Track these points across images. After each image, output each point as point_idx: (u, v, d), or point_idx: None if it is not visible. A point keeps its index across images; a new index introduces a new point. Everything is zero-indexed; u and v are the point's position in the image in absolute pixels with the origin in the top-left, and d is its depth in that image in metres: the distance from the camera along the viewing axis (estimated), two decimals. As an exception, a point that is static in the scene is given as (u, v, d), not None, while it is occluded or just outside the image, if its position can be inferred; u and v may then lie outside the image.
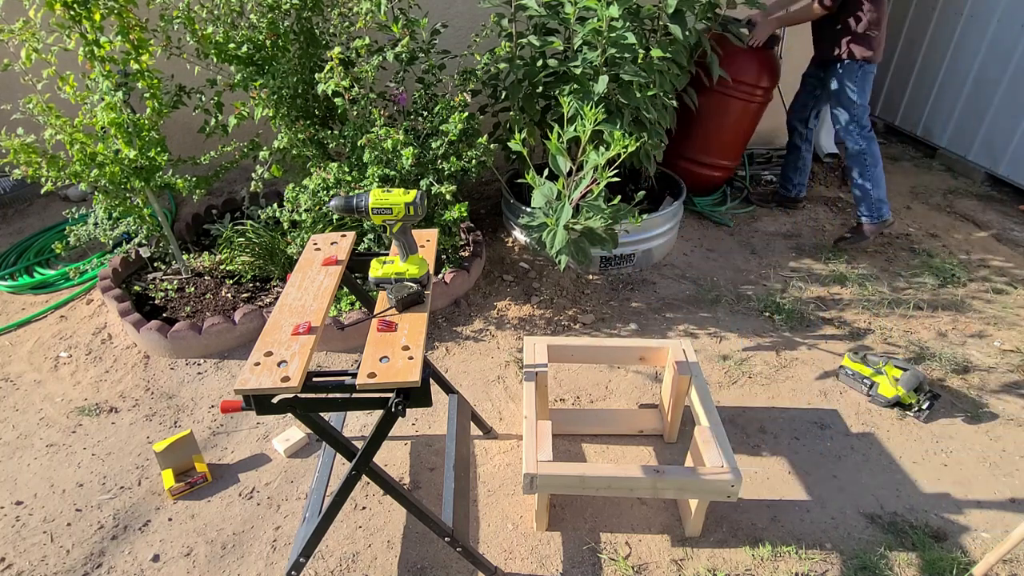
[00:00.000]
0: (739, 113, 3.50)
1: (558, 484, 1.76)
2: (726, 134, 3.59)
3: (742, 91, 3.39)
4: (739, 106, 3.45)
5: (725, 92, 3.37)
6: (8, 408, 2.37)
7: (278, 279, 2.91)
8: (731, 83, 3.31)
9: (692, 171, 3.66)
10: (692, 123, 3.52)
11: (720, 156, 3.67)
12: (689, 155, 3.65)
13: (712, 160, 3.66)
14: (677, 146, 3.61)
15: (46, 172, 2.41)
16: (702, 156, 3.64)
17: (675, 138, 3.57)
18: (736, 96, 3.41)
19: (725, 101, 3.42)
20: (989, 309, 2.99)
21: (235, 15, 2.62)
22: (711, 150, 3.63)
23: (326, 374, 1.40)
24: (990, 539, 1.94)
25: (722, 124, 3.54)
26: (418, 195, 1.46)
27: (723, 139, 3.61)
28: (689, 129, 3.54)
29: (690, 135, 3.57)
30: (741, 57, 3.28)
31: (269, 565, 1.84)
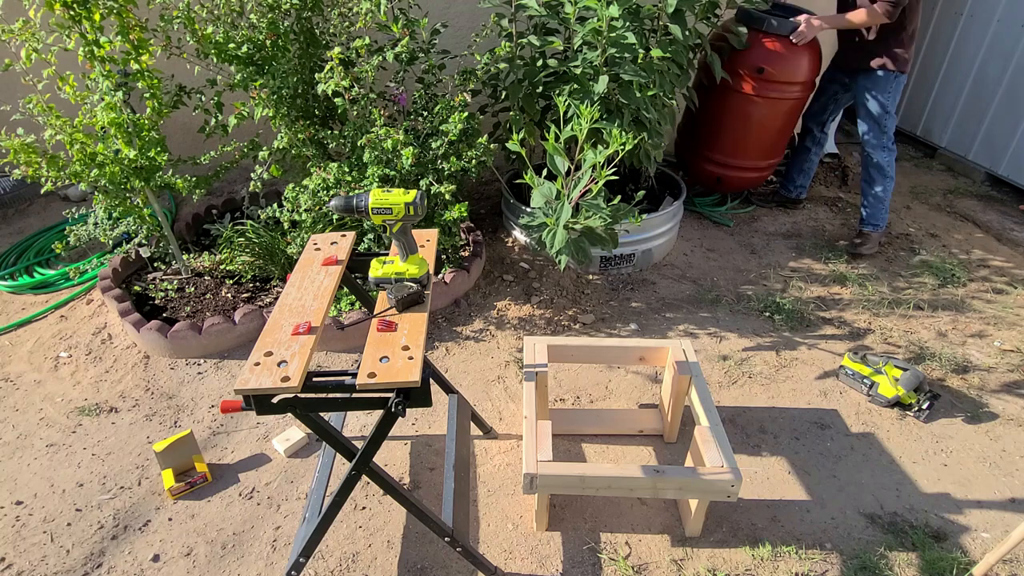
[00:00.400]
0: (780, 111, 3.32)
1: (558, 484, 1.76)
2: (766, 133, 3.41)
3: (782, 89, 3.21)
4: (782, 105, 3.28)
5: (763, 91, 3.20)
6: (8, 408, 2.37)
7: (278, 279, 2.91)
8: (770, 81, 3.15)
9: (727, 175, 3.55)
10: (723, 124, 3.40)
11: (760, 156, 3.51)
12: (721, 158, 3.50)
13: (750, 162, 3.51)
14: (705, 148, 3.51)
15: (46, 172, 2.41)
16: (739, 158, 3.48)
17: (702, 139, 3.48)
18: (774, 96, 3.23)
19: (764, 100, 3.24)
20: (989, 309, 2.99)
21: (235, 15, 2.62)
22: (749, 151, 3.46)
23: (326, 374, 1.40)
24: (990, 539, 1.94)
25: (760, 123, 3.36)
26: (418, 195, 1.45)
27: (763, 138, 3.43)
28: (720, 130, 3.42)
29: (722, 136, 3.44)
30: (785, 53, 3.12)
31: (269, 565, 1.84)
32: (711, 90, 3.31)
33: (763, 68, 3.08)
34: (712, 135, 3.48)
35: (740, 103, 3.28)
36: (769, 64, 3.10)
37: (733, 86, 3.21)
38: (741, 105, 3.29)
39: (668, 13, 2.70)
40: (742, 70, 3.18)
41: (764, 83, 3.16)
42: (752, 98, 3.23)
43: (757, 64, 3.10)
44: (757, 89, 3.19)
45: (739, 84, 3.21)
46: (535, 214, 2.32)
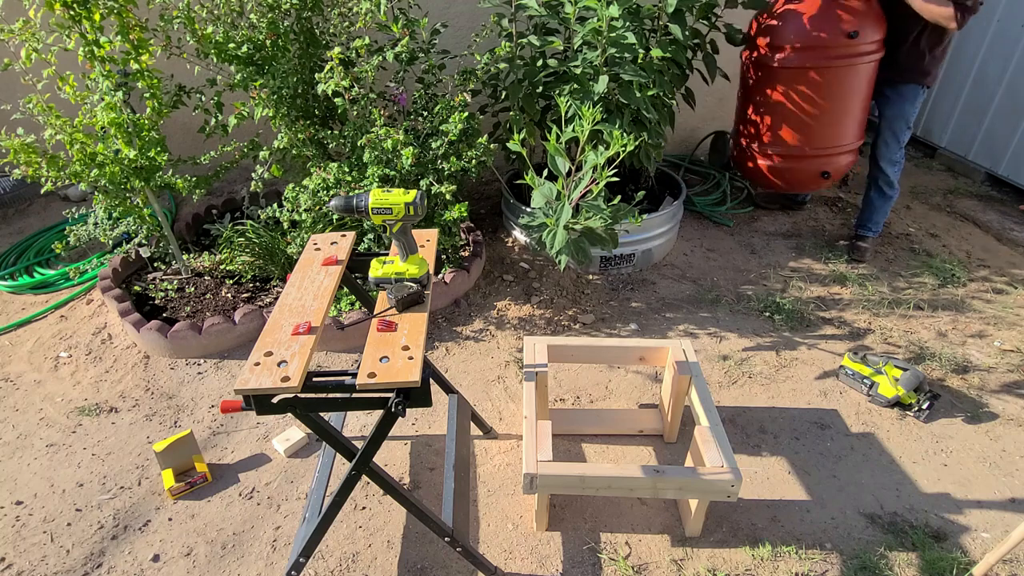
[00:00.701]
0: (870, 76, 2.93)
1: (558, 484, 1.76)
2: (861, 104, 3.01)
3: (870, 51, 2.84)
4: (870, 69, 2.90)
5: (855, 57, 2.83)
6: (8, 408, 2.37)
7: (278, 279, 2.91)
8: (860, 44, 2.80)
9: (832, 164, 3.14)
10: (824, 106, 2.97)
11: (857, 135, 3.13)
12: (823, 145, 3.08)
13: (848, 143, 3.12)
14: (809, 142, 3.08)
15: (46, 172, 2.41)
16: (840, 140, 3.08)
17: (799, 133, 3.06)
18: (866, 60, 2.84)
19: (859, 66, 2.85)
20: (989, 309, 2.99)
21: (235, 15, 2.62)
22: (847, 131, 3.06)
23: (326, 374, 1.40)
24: (990, 539, 1.94)
25: (856, 93, 2.95)
26: (418, 195, 1.45)
27: (858, 112, 3.03)
28: (823, 114, 2.99)
29: (824, 121, 3.01)
30: (866, 9, 2.78)
31: (269, 565, 1.84)
32: (796, 73, 2.92)
33: (856, 32, 2.76)
34: (812, 123, 3.03)
35: (841, 76, 2.89)
36: (861, 27, 2.79)
37: (823, 60, 2.85)
38: (842, 78, 2.89)
39: (668, 13, 2.70)
40: (830, 37, 2.80)
41: (854, 47, 2.82)
42: (851, 66, 2.86)
43: (847, 30, 2.77)
44: (851, 56, 2.84)
45: (829, 56, 2.83)
46: (535, 214, 2.32)
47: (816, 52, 2.84)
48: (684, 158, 4.32)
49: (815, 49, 2.84)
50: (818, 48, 2.83)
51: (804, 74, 2.91)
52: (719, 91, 3.87)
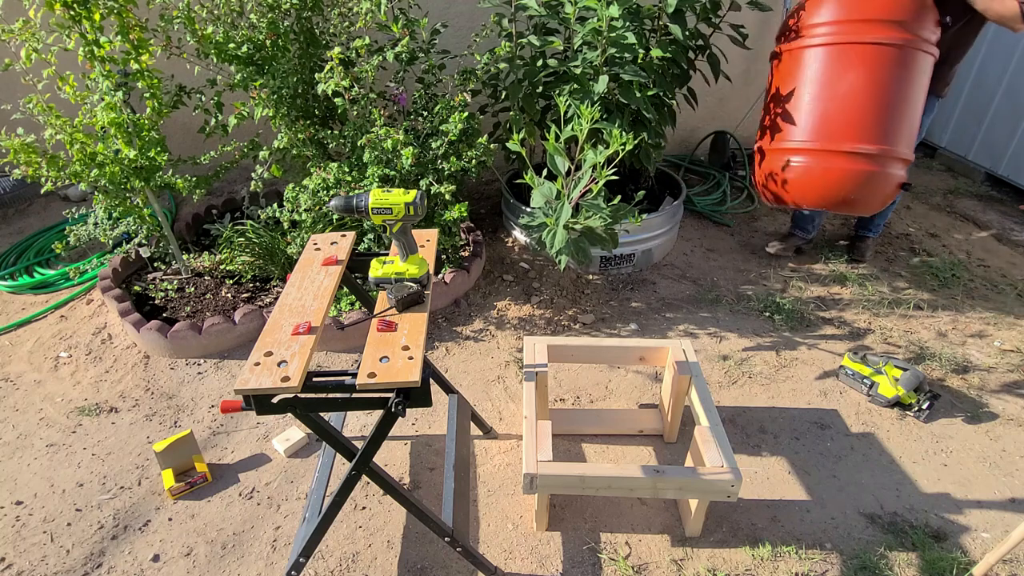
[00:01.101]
0: (923, 67, 2.51)
1: (558, 484, 1.76)
2: (921, 100, 2.57)
3: (896, 31, 2.42)
4: (923, 60, 2.48)
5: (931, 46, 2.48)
6: (8, 408, 2.37)
7: (278, 279, 2.91)
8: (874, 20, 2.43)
9: (870, 174, 2.54)
10: (896, 97, 2.49)
11: (912, 139, 2.62)
12: (860, 146, 2.52)
13: (906, 149, 2.58)
14: (823, 139, 2.56)
15: (46, 172, 2.41)
16: (899, 144, 2.53)
17: (774, 124, 2.64)
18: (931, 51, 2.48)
19: (869, 49, 2.46)
20: (989, 309, 2.99)
21: (235, 15, 2.62)
22: (904, 129, 2.54)
23: (326, 374, 1.40)
24: (990, 539, 1.94)
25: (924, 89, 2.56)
26: (418, 195, 1.45)
27: (919, 109, 2.58)
28: (896, 103, 2.50)
29: (894, 113, 2.50)
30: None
31: (269, 565, 1.84)
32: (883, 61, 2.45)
33: (949, 20, 2.49)
34: (893, 112, 2.51)
35: (919, 62, 2.48)
36: (953, 14, 2.50)
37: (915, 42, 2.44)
38: (921, 65, 2.49)
39: (668, 13, 2.70)
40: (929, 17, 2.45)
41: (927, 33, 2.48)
42: (925, 55, 2.50)
43: (944, 14, 2.48)
44: (923, 43, 2.47)
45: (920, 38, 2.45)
46: (535, 214, 2.32)
47: (897, 29, 2.42)
48: (684, 158, 4.32)
49: (900, 25, 2.42)
50: (900, 24, 2.42)
51: (886, 53, 2.44)
52: (720, 91, 3.87)
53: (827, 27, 2.48)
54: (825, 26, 2.48)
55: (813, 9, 2.55)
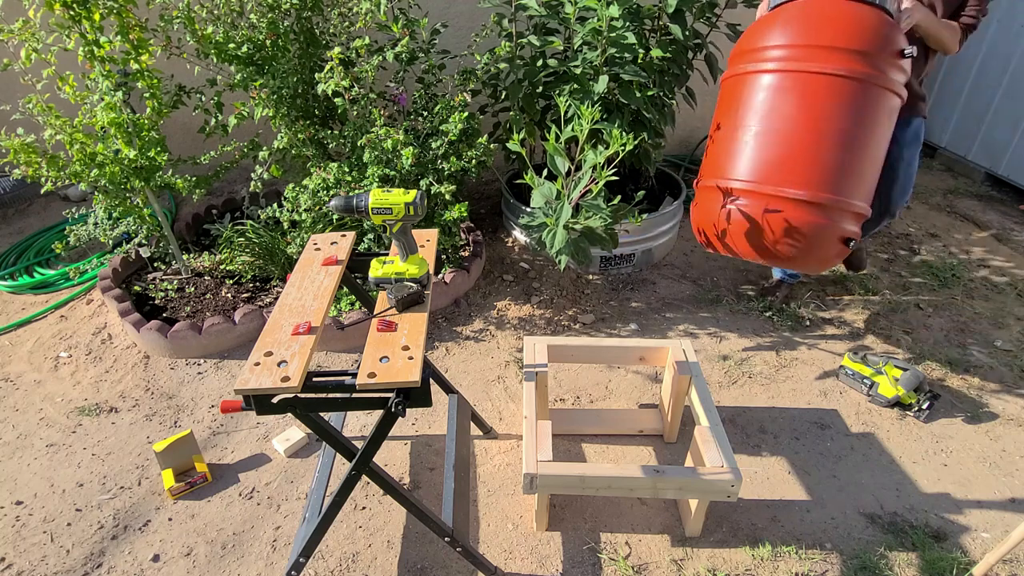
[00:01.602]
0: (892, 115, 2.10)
1: (558, 484, 1.76)
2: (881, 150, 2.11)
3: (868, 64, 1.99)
4: (885, 97, 2.05)
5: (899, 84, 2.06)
6: (8, 408, 2.37)
7: (278, 279, 2.91)
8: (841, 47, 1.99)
9: (759, 213, 2.08)
10: (793, 128, 2.06)
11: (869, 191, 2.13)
12: (803, 193, 2.02)
13: (847, 195, 2.06)
14: (764, 180, 2.08)
15: (46, 172, 2.41)
16: (781, 185, 2.04)
17: (750, 166, 2.10)
18: (854, 74, 1.98)
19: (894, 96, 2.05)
20: (989, 309, 2.99)
21: (235, 15, 2.62)
22: (795, 171, 2.04)
23: (326, 374, 1.40)
24: (990, 539, 1.94)
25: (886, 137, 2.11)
26: (418, 195, 1.45)
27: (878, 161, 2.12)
28: (792, 141, 2.05)
29: (798, 153, 2.04)
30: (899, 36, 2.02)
31: (269, 565, 1.84)
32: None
33: (907, 51, 2.04)
34: (847, 156, 2.04)
35: (883, 102, 2.07)
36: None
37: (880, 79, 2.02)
38: (882, 104, 2.07)
39: (668, 13, 2.70)
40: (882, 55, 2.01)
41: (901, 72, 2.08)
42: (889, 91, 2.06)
43: (901, 47, 2.03)
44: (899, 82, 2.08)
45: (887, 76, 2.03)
46: (535, 214, 2.32)
47: (864, 60, 2.01)
48: (684, 158, 4.32)
49: (863, 56, 2.00)
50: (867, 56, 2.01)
51: (842, 85, 2.00)
52: (719, 90, 3.87)
53: (778, 51, 2.07)
54: (776, 49, 2.07)
55: (763, 29, 2.14)
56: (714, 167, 2.22)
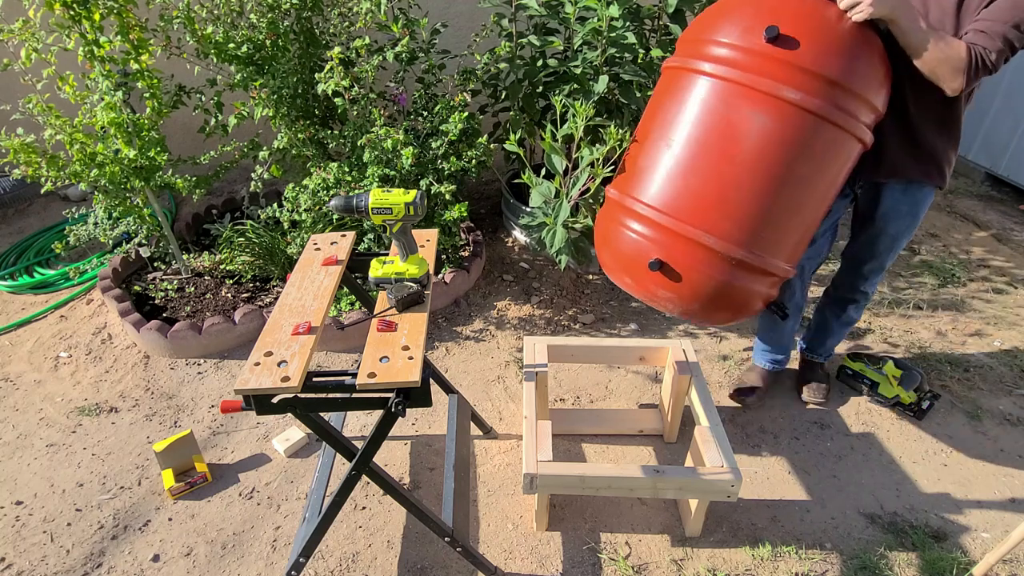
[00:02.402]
0: (822, 143, 1.57)
1: (558, 484, 1.76)
2: (778, 192, 1.58)
3: (833, 94, 1.53)
4: (826, 132, 1.56)
5: (793, 84, 1.52)
6: (8, 408, 2.37)
7: (278, 279, 2.91)
8: (804, 70, 1.51)
9: (658, 248, 1.65)
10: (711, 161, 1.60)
11: (766, 245, 1.62)
12: (717, 242, 1.60)
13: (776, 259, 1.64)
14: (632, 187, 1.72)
15: (46, 172, 2.41)
16: (688, 222, 1.61)
17: (633, 176, 1.73)
18: (807, 106, 1.52)
19: (778, 111, 1.54)
20: (989, 309, 2.99)
21: (235, 15, 2.62)
22: (709, 211, 1.60)
23: (326, 374, 1.40)
24: (990, 539, 1.94)
25: (769, 166, 1.57)
26: (418, 195, 1.46)
27: (763, 203, 1.59)
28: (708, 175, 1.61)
29: (681, 179, 1.63)
30: (825, 29, 1.52)
31: (269, 565, 1.84)
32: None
33: (778, 32, 1.52)
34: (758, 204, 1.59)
35: (838, 145, 1.59)
36: (797, 29, 1.52)
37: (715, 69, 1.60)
38: (837, 147, 1.60)
39: (668, 13, 2.70)
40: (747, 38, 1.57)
41: (792, 70, 1.52)
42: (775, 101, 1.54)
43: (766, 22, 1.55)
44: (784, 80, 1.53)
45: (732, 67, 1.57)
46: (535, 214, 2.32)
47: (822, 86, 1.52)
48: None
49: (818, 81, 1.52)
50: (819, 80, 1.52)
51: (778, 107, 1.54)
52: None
53: (725, 50, 1.59)
54: (723, 47, 1.60)
55: (719, 16, 1.66)
56: (622, 176, 1.80)
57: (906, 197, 1.91)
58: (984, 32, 1.52)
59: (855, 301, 2.23)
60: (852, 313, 2.27)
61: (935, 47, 1.53)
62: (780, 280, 1.72)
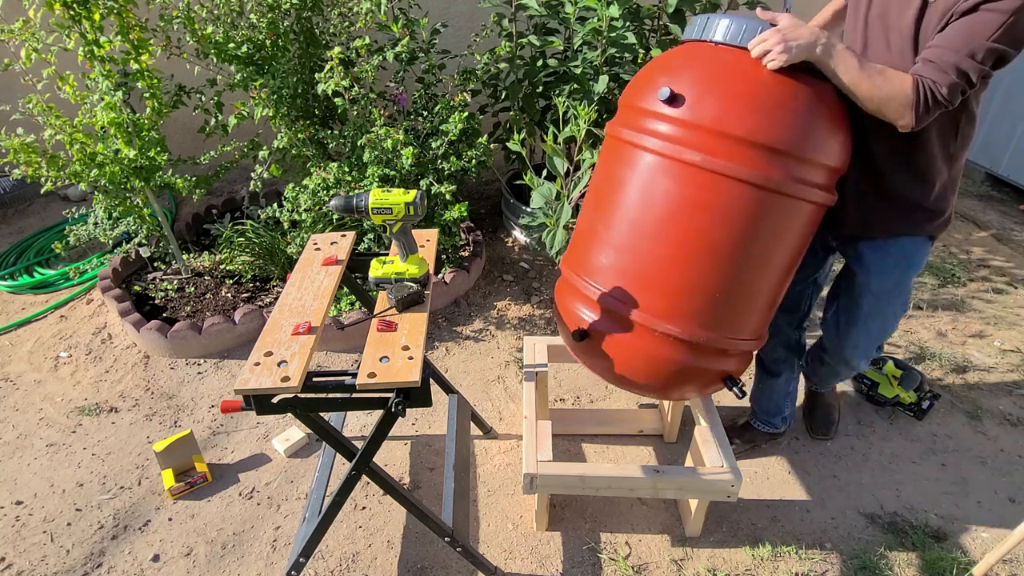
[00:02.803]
0: (752, 218, 1.43)
1: (558, 484, 1.76)
2: (731, 267, 1.47)
3: (771, 162, 1.38)
4: (742, 201, 1.41)
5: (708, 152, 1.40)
6: (8, 408, 2.37)
7: (278, 279, 2.91)
8: (721, 136, 1.39)
9: (610, 333, 1.57)
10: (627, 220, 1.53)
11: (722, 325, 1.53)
12: (681, 329, 1.51)
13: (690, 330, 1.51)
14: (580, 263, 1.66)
15: (46, 172, 2.41)
16: (638, 307, 1.52)
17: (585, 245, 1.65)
18: (731, 174, 1.39)
19: (706, 182, 1.41)
20: (989, 309, 2.99)
21: (235, 15, 2.62)
22: (659, 296, 1.51)
23: (326, 374, 1.40)
24: (990, 539, 1.94)
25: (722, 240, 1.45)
26: (418, 195, 1.46)
27: (720, 278, 1.48)
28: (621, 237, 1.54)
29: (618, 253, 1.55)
30: (756, 81, 1.38)
31: (269, 565, 1.84)
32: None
33: (676, 93, 1.43)
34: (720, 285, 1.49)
35: (797, 218, 1.47)
36: (698, 92, 1.41)
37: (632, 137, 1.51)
38: (796, 219, 1.47)
39: (668, 13, 2.70)
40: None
41: (709, 138, 1.40)
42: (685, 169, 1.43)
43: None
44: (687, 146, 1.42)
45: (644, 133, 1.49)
46: (535, 214, 2.32)
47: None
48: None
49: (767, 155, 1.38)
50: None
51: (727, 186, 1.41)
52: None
53: (664, 124, 1.45)
54: (661, 121, 1.46)
55: (640, 77, 1.55)
56: (573, 249, 1.71)
57: (891, 247, 1.64)
58: (933, 62, 1.32)
59: (836, 374, 1.96)
60: (843, 375, 2.01)
61: (874, 85, 1.34)
62: (738, 356, 1.61)
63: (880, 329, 1.79)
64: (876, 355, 1.89)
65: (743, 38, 1.40)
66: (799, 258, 1.57)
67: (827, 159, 1.43)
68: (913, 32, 1.39)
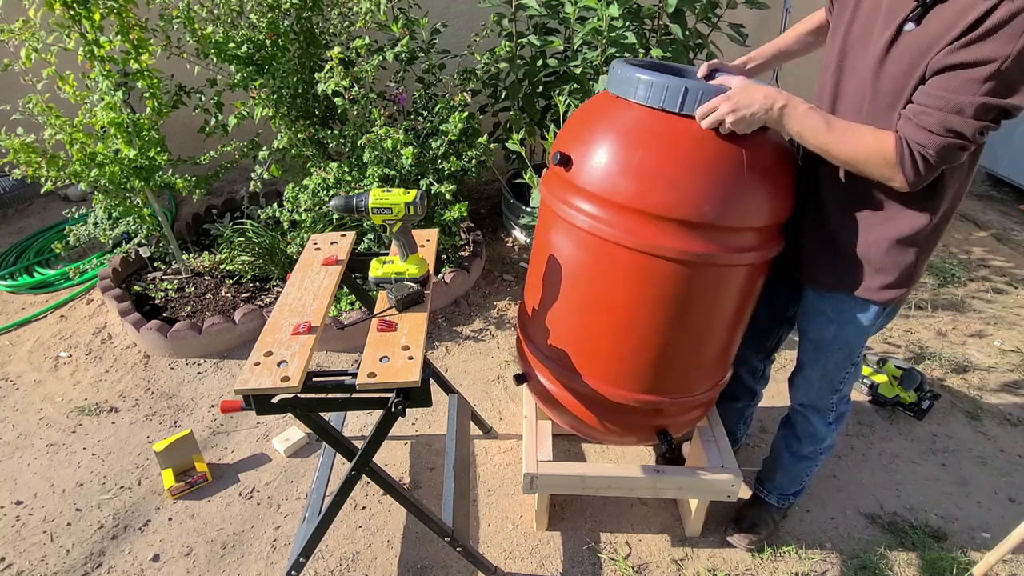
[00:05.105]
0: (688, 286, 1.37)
1: (558, 484, 1.76)
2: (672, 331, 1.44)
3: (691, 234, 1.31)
4: (671, 269, 1.34)
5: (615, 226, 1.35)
6: (8, 408, 2.37)
7: (278, 279, 2.91)
8: (635, 214, 1.32)
9: (558, 394, 1.67)
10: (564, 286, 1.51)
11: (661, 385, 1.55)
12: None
13: (621, 391, 1.55)
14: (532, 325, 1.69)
15: (46, 172, 2.41)
16: (580, 373, 1.57)
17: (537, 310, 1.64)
18: (650, 250, 1.33)
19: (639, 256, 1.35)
20: (989, 309, 2.99)
21: (235, 15, 2.62)
22: (611, 365, 1.53)
23: (326, 374, 1.40)
24: (990, 539, 1.94)
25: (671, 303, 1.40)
26: (418, 195, 1.46)
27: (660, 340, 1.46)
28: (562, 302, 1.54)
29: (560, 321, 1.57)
30: (695, 147, 1.29)
31: (269, 565, 1.84)
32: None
33: (566, 157, 1.42)
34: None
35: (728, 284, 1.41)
36: (611, 161, 1.34)
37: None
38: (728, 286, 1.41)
39: (668, 13, 2.70)
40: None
41: (613, 210, 1.35)
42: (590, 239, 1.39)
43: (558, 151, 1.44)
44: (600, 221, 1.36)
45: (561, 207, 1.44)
46: (535, 214, 2.32)
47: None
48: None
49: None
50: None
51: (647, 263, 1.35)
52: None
53: (588, 204, 1.39)
54: (587, 200, 1.39)
55: (582, 156, 1.40)
56: (524, 306, 1.73)
57: (825, 300, 1.49)
58: (916, 124, 1.15)
59: (790, 421, 1.79)
60: (801, 438, 1.76)
61: (845, 148, 1.21)
62: (702, 407, 1.67)
63: (823, 381, 1.63)
64: (833, 416, 1.71)
65: (666, 101, 1.29)
66: (746, 312, 1.51)
67: (757, 221, 1.32)
68: (880, 58, 1.21)
